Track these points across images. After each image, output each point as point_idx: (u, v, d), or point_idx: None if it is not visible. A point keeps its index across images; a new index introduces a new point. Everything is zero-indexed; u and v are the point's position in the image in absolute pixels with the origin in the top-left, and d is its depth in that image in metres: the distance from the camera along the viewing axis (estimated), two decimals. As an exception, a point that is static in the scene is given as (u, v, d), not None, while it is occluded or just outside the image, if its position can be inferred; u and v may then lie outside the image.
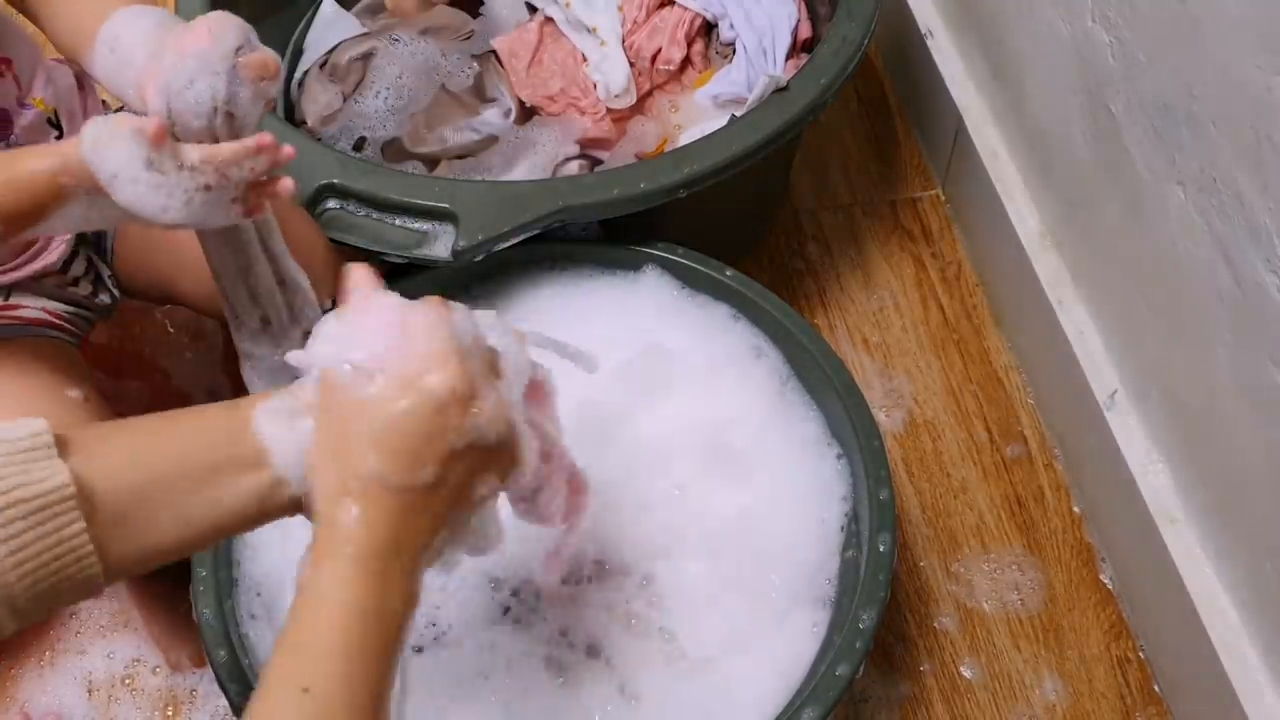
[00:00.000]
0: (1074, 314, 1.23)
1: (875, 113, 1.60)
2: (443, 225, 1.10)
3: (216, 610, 0.94)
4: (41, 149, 0.79)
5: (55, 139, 1.01)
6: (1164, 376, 1.10)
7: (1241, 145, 0.91)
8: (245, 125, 0.83)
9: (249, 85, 0.81)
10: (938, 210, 1.50)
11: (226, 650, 0.92)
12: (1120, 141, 1.09)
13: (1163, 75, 1.01)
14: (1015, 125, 1.33)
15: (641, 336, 1.10)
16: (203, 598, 0.94)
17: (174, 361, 1.36)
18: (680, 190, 1.11)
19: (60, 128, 1.02)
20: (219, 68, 0.80)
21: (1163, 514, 1.10)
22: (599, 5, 1.40)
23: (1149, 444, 1.14)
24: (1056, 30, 1.18)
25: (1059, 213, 1.26)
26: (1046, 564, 1.23)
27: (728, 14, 1.38)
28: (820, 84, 1.18)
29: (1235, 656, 1.02)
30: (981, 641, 1.19)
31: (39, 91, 0.99)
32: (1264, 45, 0.86)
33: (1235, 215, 0.93)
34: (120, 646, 1.20)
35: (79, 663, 1.19)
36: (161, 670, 1.19)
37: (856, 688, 1.15)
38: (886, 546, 0.95)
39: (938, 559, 1.24)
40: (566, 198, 1.10)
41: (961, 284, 1.44)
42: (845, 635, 0.91)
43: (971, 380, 1.36)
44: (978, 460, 1.30)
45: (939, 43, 1.48)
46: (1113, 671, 1.17)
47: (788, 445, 1.05)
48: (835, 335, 1.39)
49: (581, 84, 1.37)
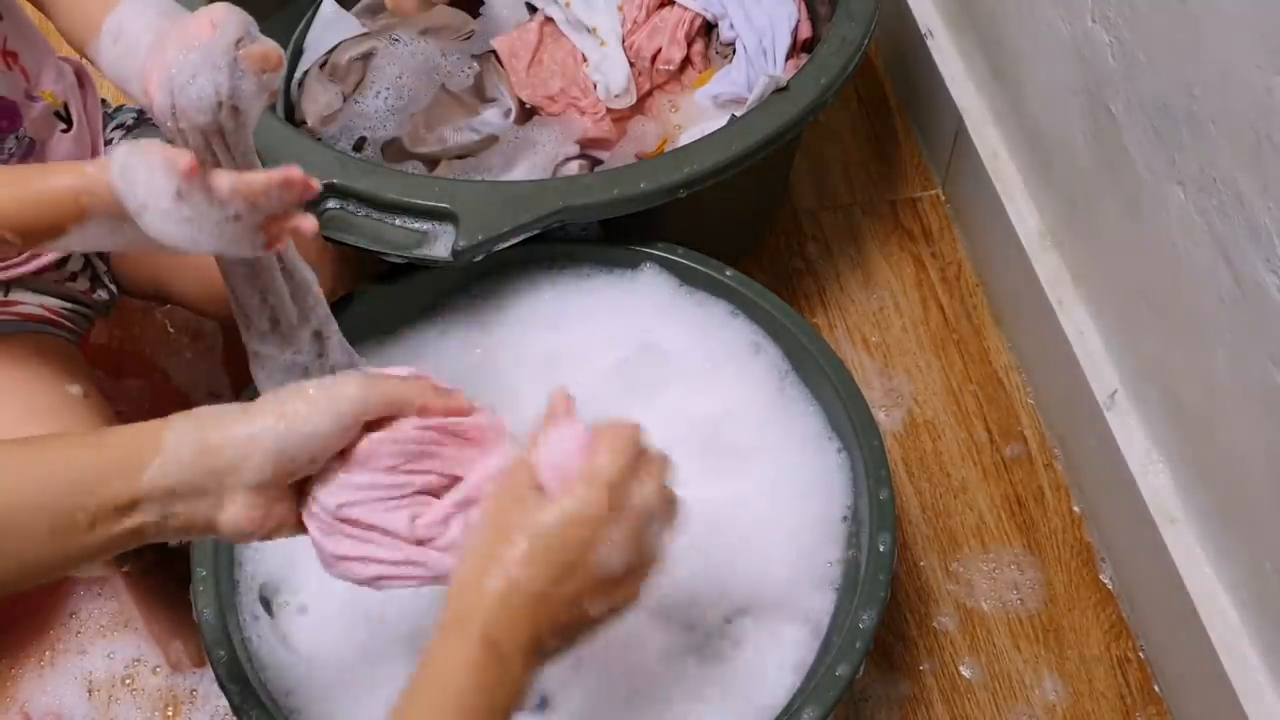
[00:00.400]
0: (1074, 314, 1.23)
1: (875, 113, 1.60)
2: (443, 225, 1.09)
3: (217, 610, 0.94)
4: (66, 166, 0.79)
5: (62, 132, 1.01)
6: (1164, 376, 1.10)
7: (1241, 145, 0.91)
8: (249, 118, 0.83)
9: (252, 78, 0.81)
10: (938, 210, 1.50)
11: (226, 650, 0.92)
12: (1120, 141, 1.09)
13: (1163, 75, 1.01)
14: (1015, 125, 1.33)
15: (641, 336, 1.10)
16: (203, 598, 0.94)
17: (174, 361, 1.36)
18: (680, 190, 1.11)
19: (69, 120, 1.02)
20: (221, 61, 0.80)
21: (1162, 514, 1.10)
22: (599, 5, 1.40)
23: (1149, 444, 1.14)
24: (1056, 30, 1.18)
25: (1059, 212, 1.26)
26: (1046, 564, 1.23)
27: (728, 14, 1.38)
28: (820, 84, 1.18)
29: (1235, 656, 1.02)
30: (981, 641, 1.19)
31: (49, 85, 0.99)
32: (1264, 45, 0.86)
33: (1235, 215, 0.93)
34: (121, 646, 1.20)
35: (79, 662, 1.19)
36: (162, 670, 1.19)
37: (856, 688, 1.15)
38: (886, 546, 0.95)
39: (937, 559, 1.24)
40: (566, 198, 1.10)
41: (961, 284, 1.44)
42: (845, 635, 0.91)
43: (971, 380, 1.36)
44: (978, 460, 1.30)
45: (939, 43, 1.48)
46: (1113, 671, 1.17)
47: (787, 442, 1.05)
48: (835, 335, 1.39)
49: (581, 84, 1.37)
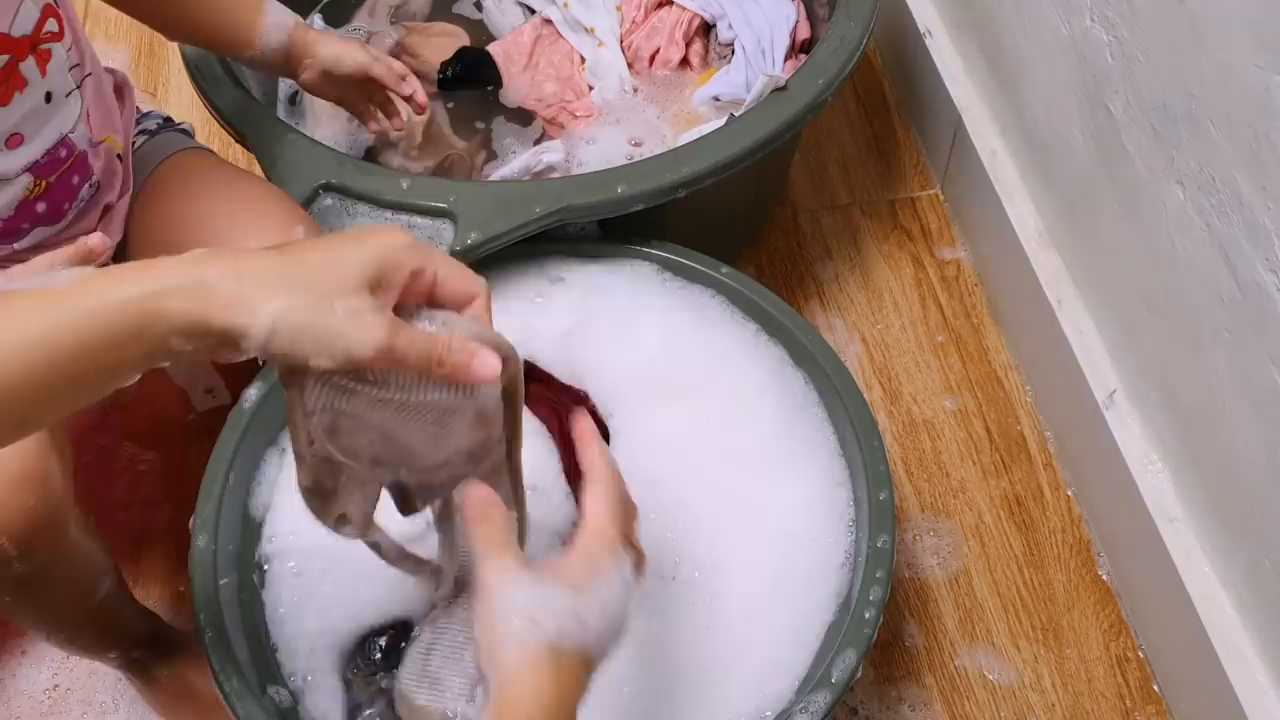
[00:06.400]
0: (1073, 313, 1.24)
1: (874, 112, 1.60)
2: (442, 225, 1.10)
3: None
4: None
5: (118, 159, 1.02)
6: (1163, 376, 1.10)
7: (1240, 144, 0.91)
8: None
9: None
10: (936, 210, 1.50)
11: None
12: (1119, 141, 1.09)
13: (1161, 74, 1.01)
14: (1014, 124, 1.33)
15: (639, 336, 1.10)
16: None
17: (172, 362, 1.36)
18: (680, 190, 1.11)
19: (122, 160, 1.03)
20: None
21: (1162, 513, 1.10)
22: (597, 5, 1.40)
23: (1148, 443, 1.14)
24: (1055, 30, 1.18)
25: (1058, 212, 1.26)
26: (1046, 563, 1.23)
27: (726, 14, 1.38)
28: (819, 84, 1.18)
29: (1235, 656, 1.02)
30: (981, 641, 1.19)
31: (104, 132, 0.99)
32: (1263, 45, 0.86)
33: (1234, 214, 0.93)
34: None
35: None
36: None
37: (856, 688, 1.15)
38: (886, 546, 0.95)
39: (936, 559, 1.24)
40: (566, 198, 1.10)
41: (960, 283, 1.44)
42: (845, 635, 0.91)
43: (970, 380, 1.36)
44: (977, 460, 1.30)
45: (938, 42, 1.48)
46: (1112, 671, 1.17)
47: (787, 443, 1.05)
48: (834, 335, 1.39)
49: (576, 87, 1.37)
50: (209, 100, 1.18)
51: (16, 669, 1.18)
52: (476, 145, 1.36)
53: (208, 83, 1.19)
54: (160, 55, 1.68)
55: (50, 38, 0.90)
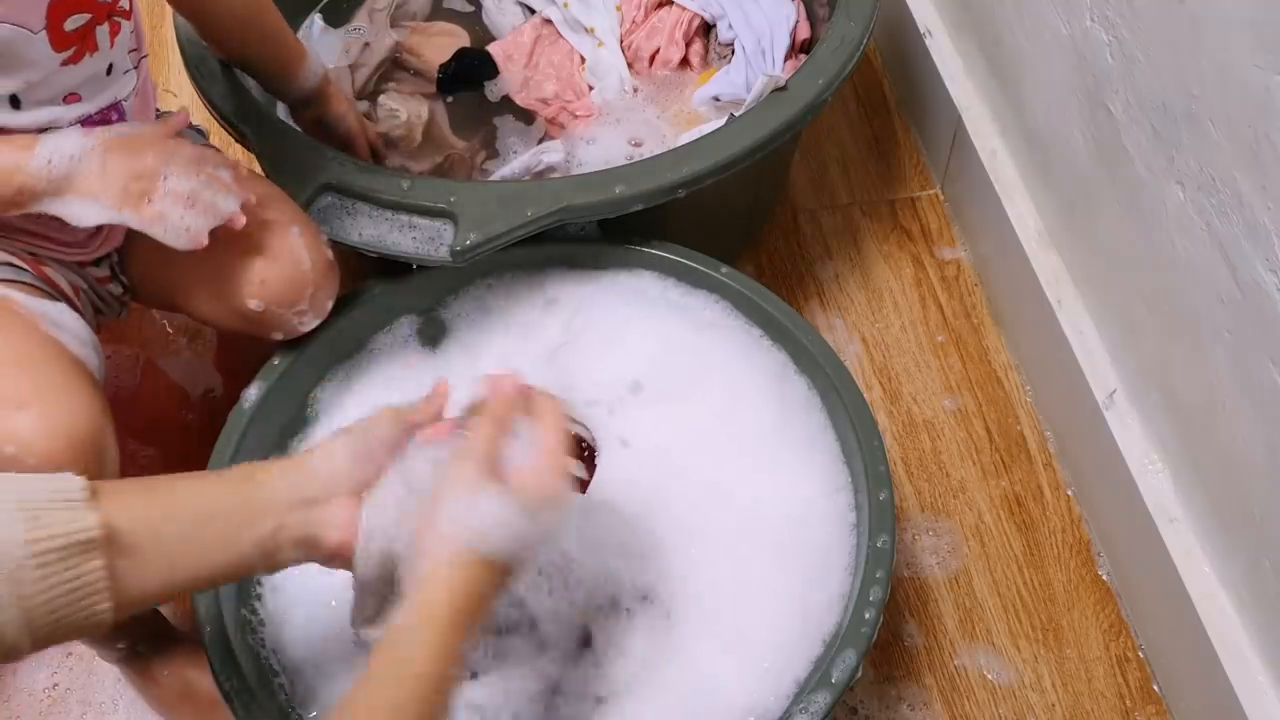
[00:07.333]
0: (1073, 313, 1.23)
1: (874, 112, 1.60)
2: (442, 225, 1.10)
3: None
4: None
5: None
6: (1163, 376, 1.10)
7: (1240, 144, 0.91)
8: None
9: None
10: (936, 210, 1.50)
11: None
12: (1119, 141, 1.09)
13: (1161, 74, 1.01)
14: (1014, 124, 1.33)
15: (639, 335, 1.10)
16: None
17: (171, 362, 1.36)
18: (679, 190, 1.11)
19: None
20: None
21: (1162, 513, 1.10)
22: (597, 5, 1.40)
23: (1148, 443, 1.14)
24: (1055, 30, 1.18)
25: (1058, 212, 1.26)
26: (1046, 563, 1.23)
27: (726, 14, 1.39)
28: (819, 84, 1.18)
29: (1235, 656, 1.02)
30: (981, 641, 1.19)
31: (141, 118, 1.03)
32: (1263, 45, 0.86)
33: (1234, 214, 0.93)
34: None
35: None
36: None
37: (856, 688, 1.15)
38: (886, 546, 0.95)
39: (936, 558, 1.24)
40: (566, 197, 1.10)
41: (960, 283, 1.44)
42: (845, 635, 0.91)
43: (970, 379, 1.36)
44: (977, 460, 1.30)
45: (938, 42, 1.48)
46: (1112, 671, 1.17)
47: (787, 443, 1.05)
48: (834, 334, 1.39)
49: (576, 86, 1.37)
50: (209, 100, 1.18)
51: (16, 668, 1.18)
52: (476, 145, 1.36)
53: (208, 83, 1.19)
54: (161, 55, 1.68)
55: (123, 14, 0.96)
